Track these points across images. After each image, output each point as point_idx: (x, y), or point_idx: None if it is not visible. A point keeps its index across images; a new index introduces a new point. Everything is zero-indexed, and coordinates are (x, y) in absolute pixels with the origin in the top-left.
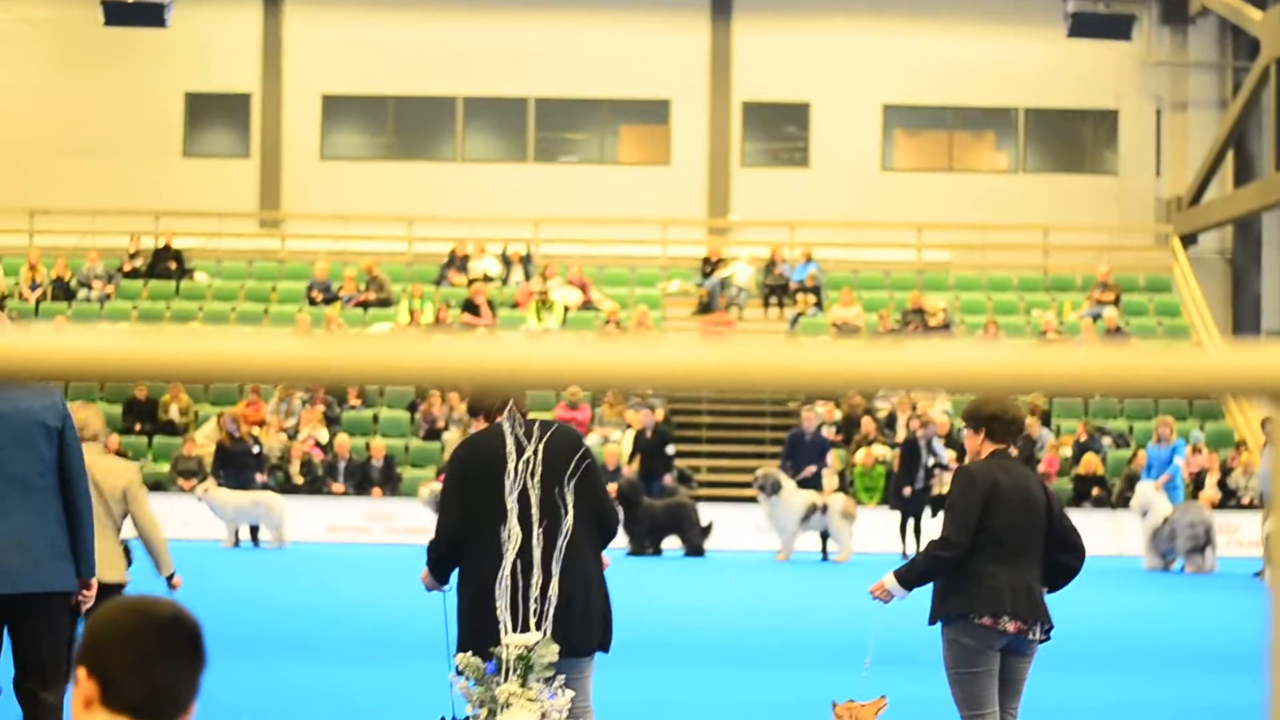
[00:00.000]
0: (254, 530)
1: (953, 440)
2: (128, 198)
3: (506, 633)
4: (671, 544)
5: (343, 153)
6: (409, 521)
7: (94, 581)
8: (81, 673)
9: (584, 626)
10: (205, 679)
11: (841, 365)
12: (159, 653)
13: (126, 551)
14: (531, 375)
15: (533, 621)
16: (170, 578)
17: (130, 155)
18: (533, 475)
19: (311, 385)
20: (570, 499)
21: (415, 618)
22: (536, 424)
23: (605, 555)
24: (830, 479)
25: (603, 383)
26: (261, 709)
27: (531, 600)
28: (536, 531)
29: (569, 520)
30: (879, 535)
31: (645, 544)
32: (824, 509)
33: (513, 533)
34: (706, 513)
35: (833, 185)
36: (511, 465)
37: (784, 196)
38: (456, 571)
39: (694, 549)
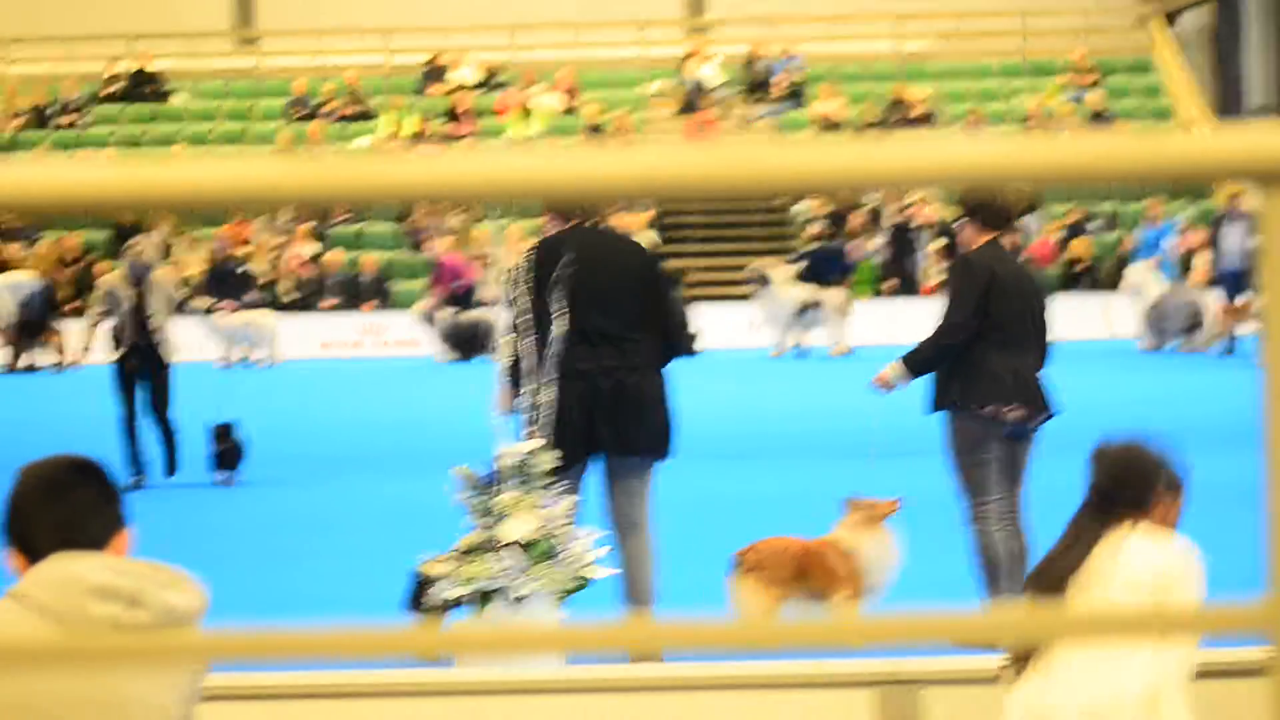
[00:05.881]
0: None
1: (944, 230)
2: (102, 21)
3: (503, 441)
4: None
5: None
6: (401, 334)
7: None
8: (9, 552)
9: (634, 429)
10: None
11: (828, 164)
12: (53, 495)
13: None
14: (514, 188)
15: (526, 430)
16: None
17: None
18: (526, 285)
19: (295, 206)
20: (557, 308)
21: (415, 430)
22: (594, 234)
23: None
24: None
25: (587, 194)
26: (266, 525)
27: (525, 408)
28: (531, 339)
29: (564, 326)
30: (871, 329)
31: None
32: (818, 304)
33: (505, 340)
34: (698, 313)
35: None
36: (507, 272)
37: None
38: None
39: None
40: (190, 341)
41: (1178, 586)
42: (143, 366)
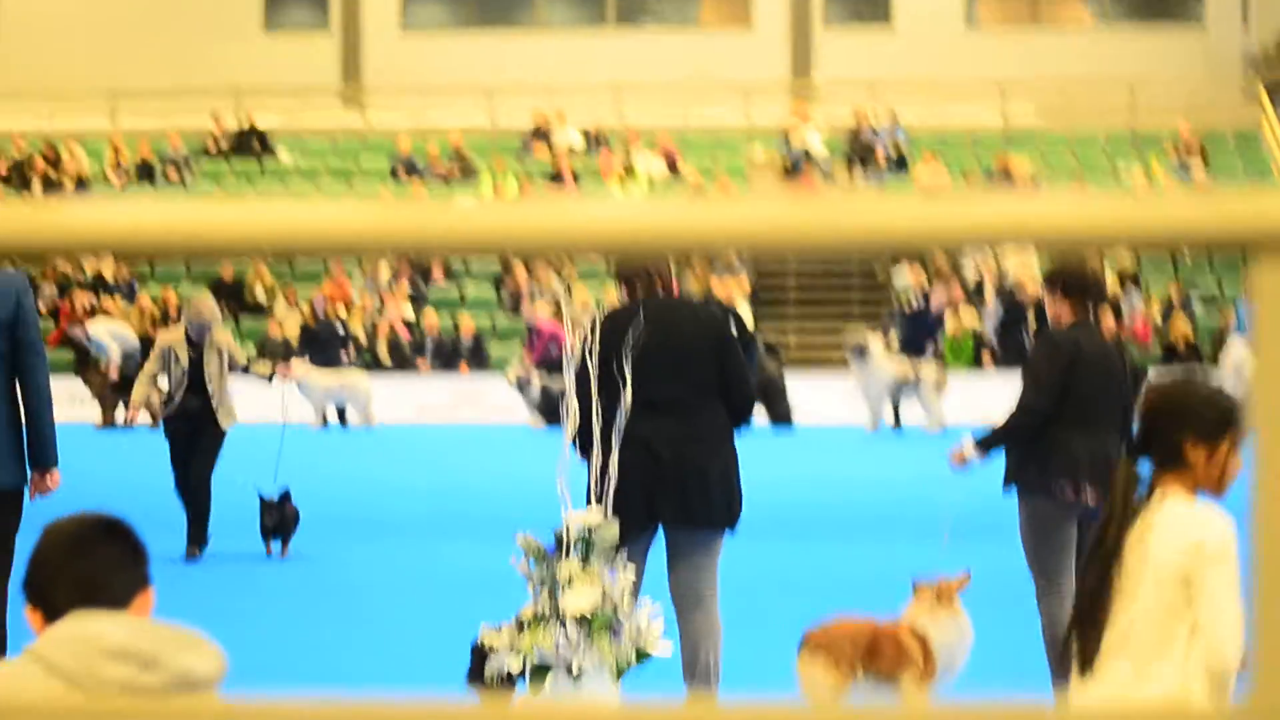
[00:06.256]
0: (341, 412)
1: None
2: (208, 75)
3: (566, 510)
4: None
5: (423, 22)
6: (499, 399)
7: (54, 472)
8: (28, 610)
9: (697, 500)
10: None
11: (929, 218)
12: (77, 551)
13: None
14: (607, 240)
15: (593, 498)
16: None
17: (210, 30)
18: (590, 354)
19: (392, 255)
20: (629, 374)
21: (498, 497)
22: (664, 302)
23: None
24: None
25: (684, 246)
26: (358, 587)
27: (591, 478)
28: (595, 408)
29: (627, 397)
30: (970, 403)
31: None
32: (916, 381)
33: (571, 408)
34: (794, 384)
35: (916, 44)
36: (570, 341)
37: (866, 57)
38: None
39: (781, 417)
40: (273, 401)
41: (1207, 572)
42: (193, 430)
